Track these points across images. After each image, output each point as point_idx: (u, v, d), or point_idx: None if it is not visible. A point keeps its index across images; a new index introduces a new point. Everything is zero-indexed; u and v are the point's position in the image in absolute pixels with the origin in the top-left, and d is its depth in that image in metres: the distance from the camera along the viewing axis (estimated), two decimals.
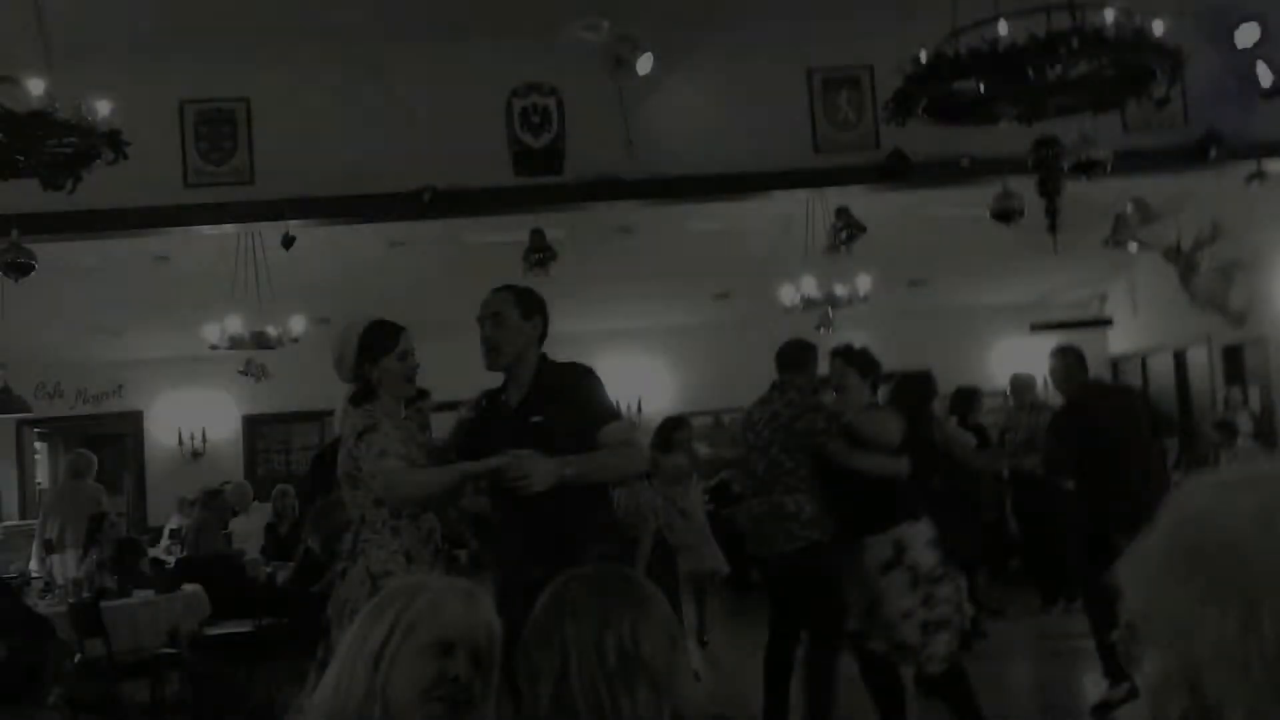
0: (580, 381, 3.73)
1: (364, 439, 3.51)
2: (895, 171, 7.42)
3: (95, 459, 9.59)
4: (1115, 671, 5.46)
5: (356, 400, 3.66)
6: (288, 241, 7.56)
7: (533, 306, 3.82)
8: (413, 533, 3.52)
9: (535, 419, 3.59)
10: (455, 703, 1.73)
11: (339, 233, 9.04)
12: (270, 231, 7.99)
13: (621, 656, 1.59)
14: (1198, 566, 0.72)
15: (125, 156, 4.48)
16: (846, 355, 5.06)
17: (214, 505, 9.41)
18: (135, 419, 12.91)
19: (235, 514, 10.49)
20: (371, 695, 1.70)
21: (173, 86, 7.10)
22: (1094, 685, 5.96)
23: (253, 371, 10.41)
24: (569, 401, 3.62)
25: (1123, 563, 0.78)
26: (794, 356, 5.35)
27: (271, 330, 9.50)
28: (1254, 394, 10.38)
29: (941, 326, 12.35)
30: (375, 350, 3.69)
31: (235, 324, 9.41)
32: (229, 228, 7.98)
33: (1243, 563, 0.69)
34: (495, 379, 3.89)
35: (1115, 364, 13.21)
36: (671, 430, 7.55)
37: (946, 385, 7.83)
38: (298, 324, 9.78)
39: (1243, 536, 0.70)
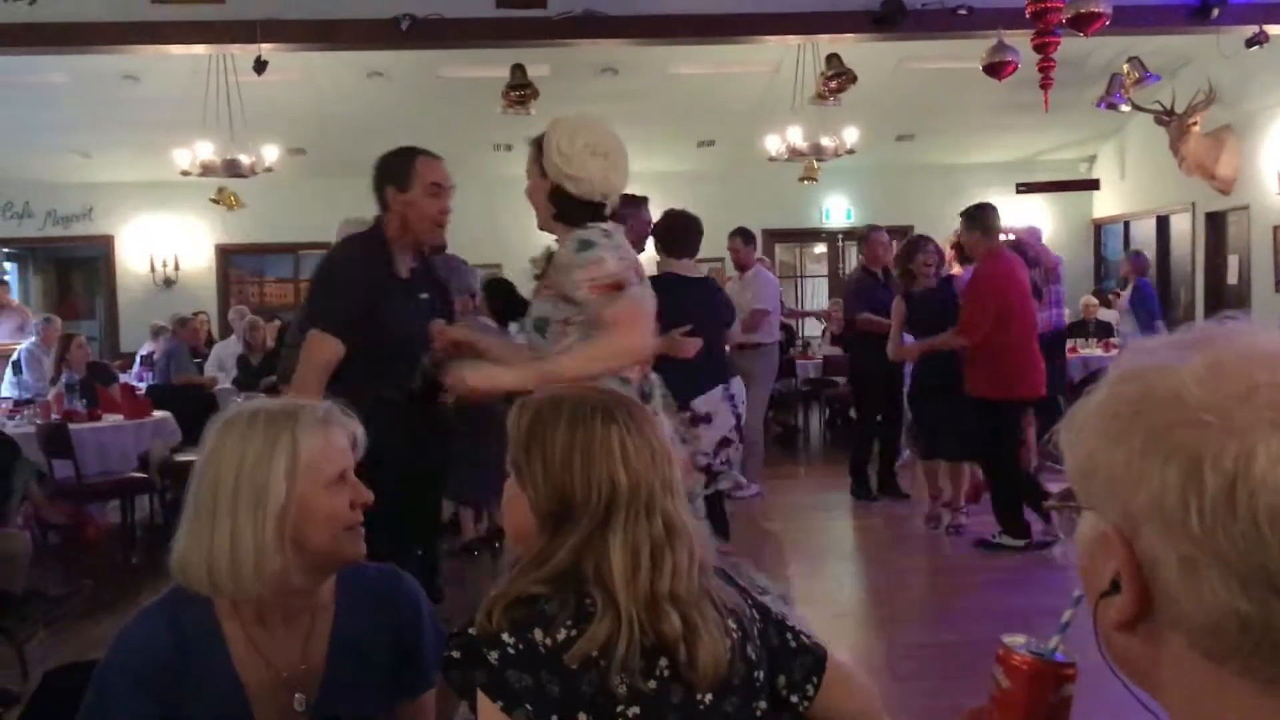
0: None
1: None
2: (889, 19, 7.20)
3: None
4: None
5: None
6: (260, 65, 7.32)
7: None
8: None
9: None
10: (356, 528, 1.68)
11: (315, 60, 8.78)
12: (243, 55, 7.73)
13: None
14: (1140, 421, 0.70)
15: None
16: None
17: (185, 333, 9.37)
18: (106, 243, 12.73)
19: (211, 342, 10.49)
20: (280, 548, 1.58)
21: None
22: None
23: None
24: None
25: (1064, 424, 0.75)
26: None
27: (244, 159, 9.29)
28: (1233, 262, 10.39)
29: (926, 182, 12.21)
30: None
31: (206, 150, 9.18)
32: (199, 48, 7.72)
33: (1186, 416, 0.67)
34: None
35: (1098, 227, 13.17)
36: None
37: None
38: (271, 153, 9.57)
39: (1187, 390, 0.68)
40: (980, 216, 6.03)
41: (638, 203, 5.30)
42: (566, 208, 2.85)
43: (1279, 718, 0.67)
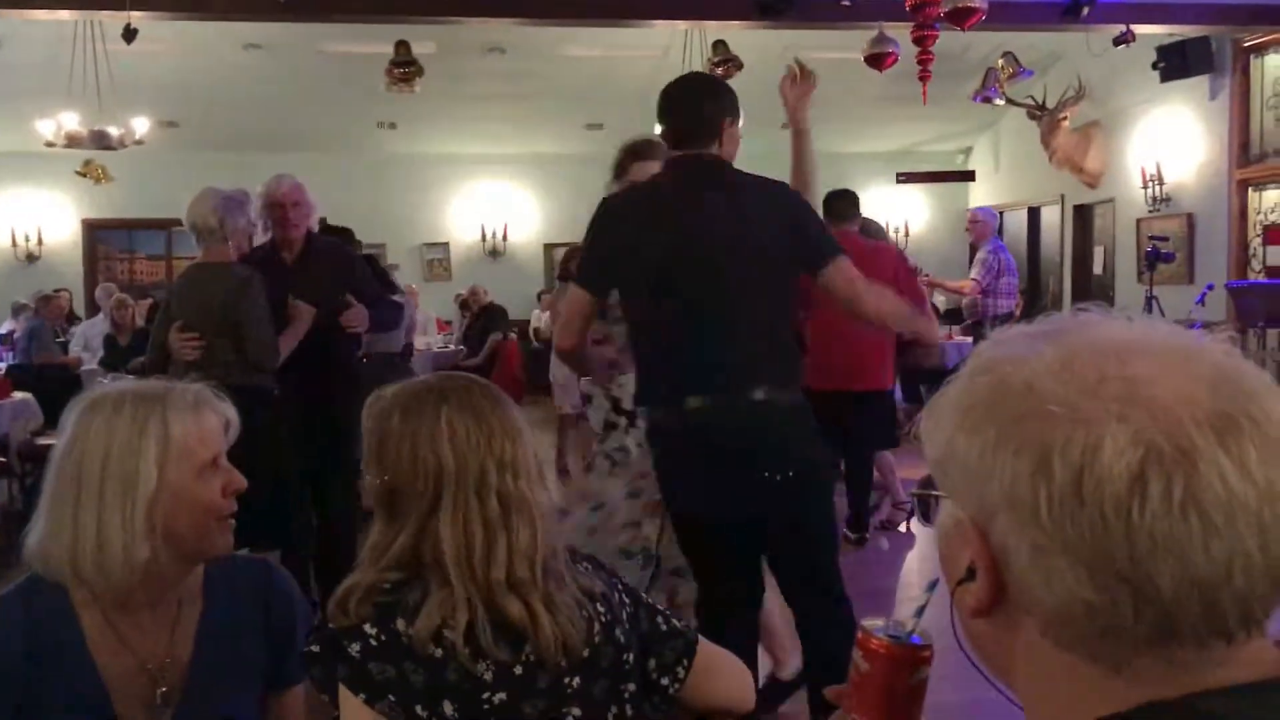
0: None
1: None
2: (775, 6, 7.27)
3: None
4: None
5: None
6: (129, 34, 7.03)
7: None
8: None
9: None
10: (227, 519, 1.63)
11: (188, 29, 8.46)
12: (111, 23, 7.41)
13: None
14: (993, 412, 0.71)
15: None
16: None
17: (48, 311, 8.99)
18: None
19: (73, 320, 10.09)
20: (149, 536, 1.53)
21: None
22: None
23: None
24: None
25: (925, 414, 0.77)
26: None
27: (113, 130, 8.92)
28: (1098, 253, 10.81)
29: None
30: None
31: (72, 121, 8.79)
32: (64, 14, 7.38)
33: (1037, 408, 0.69)
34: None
35: None
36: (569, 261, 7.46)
37: None
38: (141, 125, 9.21)
39: (1039, 382, 0.70)
40: (827, 203, 6.11)
41: None
42: None
43: (1124, 700, 0.69)
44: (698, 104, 2.96)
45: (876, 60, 7.18)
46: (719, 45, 8.35)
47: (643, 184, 3.05)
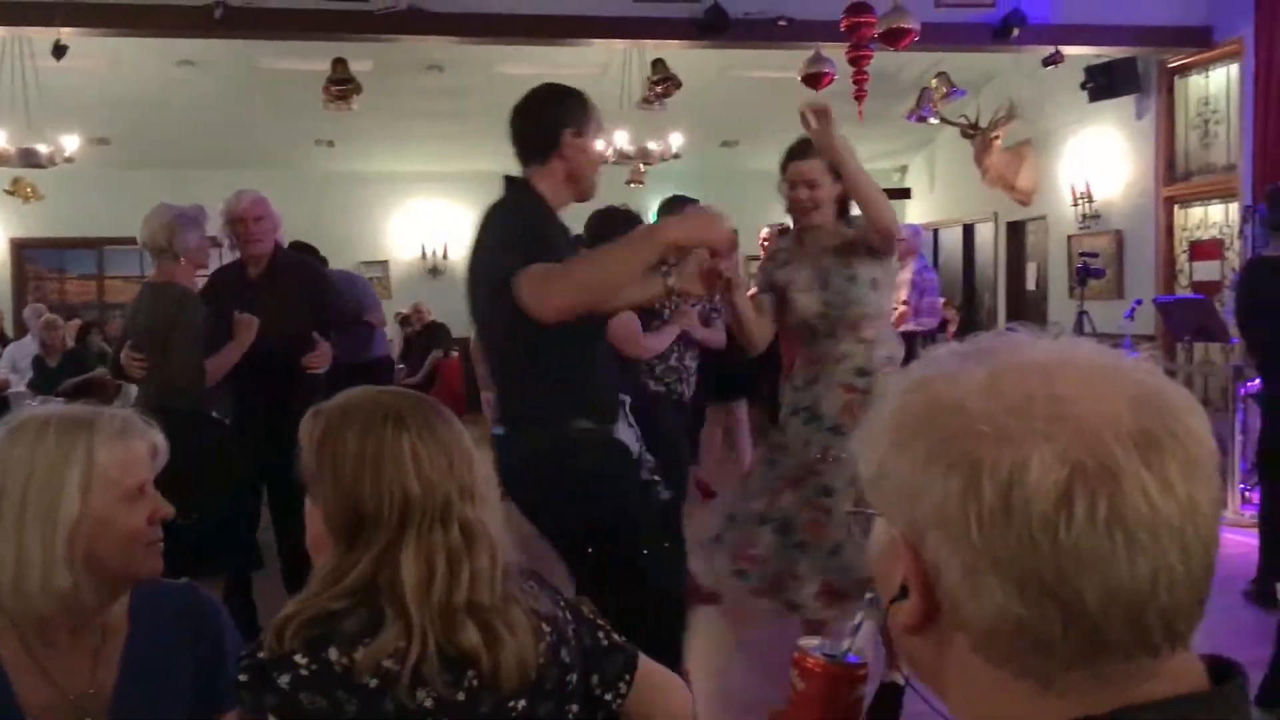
0: None
1: None
2: (713, 26, 7.34)
3: None
4: None
5: None
6: (59, 50, 6.91)
7: None
8: None
9: None
10: (155, 544, 1.60)
11: (120, 46, 8.33)
12: (40, 39, 7.28)
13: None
14: (924, 431, 0.72)
15: None
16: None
17: None
18: None
19: (4, 340, 9.86)
20: (70, 564, 1.49)
21: None
22: None
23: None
24: None
25: (859, 432, 0.77)
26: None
27: (42, 148, 8.73)
28: (1031, 269, 11.00)
29: (750, 187, 12.44)
30: None
31: None
32: None
33: (967, 427, 0.70)
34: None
35: None
36: None
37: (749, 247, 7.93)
38: (71, 143, 9.04)
39: (969, 401, 0.71)
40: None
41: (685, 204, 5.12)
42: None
43: (1054, 716, 0.70)
44: (528, 120, 2.93)
45: (813, 80, 7.29)
46: (658, 64, 8.39)
47: None
